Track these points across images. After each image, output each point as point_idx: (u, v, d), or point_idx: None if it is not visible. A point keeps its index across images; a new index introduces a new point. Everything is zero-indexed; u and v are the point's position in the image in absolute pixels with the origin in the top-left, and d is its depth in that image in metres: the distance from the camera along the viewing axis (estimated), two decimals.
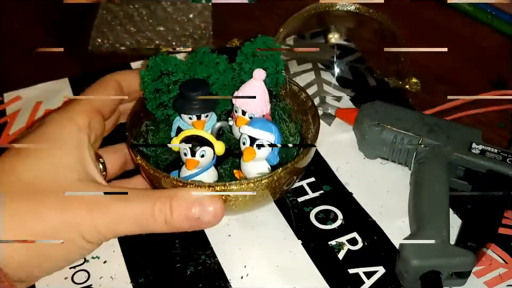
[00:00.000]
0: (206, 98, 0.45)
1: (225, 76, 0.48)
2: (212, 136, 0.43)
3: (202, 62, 0.47)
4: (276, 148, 0.44)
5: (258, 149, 0.43)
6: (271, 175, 0.42)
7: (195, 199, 0.39)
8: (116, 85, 0.45)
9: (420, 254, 0.42)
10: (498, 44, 0.73)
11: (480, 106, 0.61)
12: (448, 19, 0.77)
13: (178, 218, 0.38)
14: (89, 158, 0.40)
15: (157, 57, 0.45)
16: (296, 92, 0.51)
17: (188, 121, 0.46)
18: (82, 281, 0.44)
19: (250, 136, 0.43)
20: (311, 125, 0.49)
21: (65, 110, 0.42)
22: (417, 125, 0.53)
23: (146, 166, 0.42)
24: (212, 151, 0.43)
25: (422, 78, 0.63)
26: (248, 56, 0.48)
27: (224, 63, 0.48)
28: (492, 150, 0.50)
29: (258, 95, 0.45)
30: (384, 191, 0.52)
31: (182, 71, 0.46)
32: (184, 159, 0.42)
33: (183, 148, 0.42)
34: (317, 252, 0.47)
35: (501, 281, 0.45)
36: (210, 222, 0.39)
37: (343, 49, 0.68)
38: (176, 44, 0.71)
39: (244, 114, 0.46)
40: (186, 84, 0.45)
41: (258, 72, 0.45)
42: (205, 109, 0.46)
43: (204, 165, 0.43)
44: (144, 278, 0.44)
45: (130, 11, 0.76)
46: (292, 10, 0.65)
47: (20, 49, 0.71)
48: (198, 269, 0.45)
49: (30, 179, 0.37)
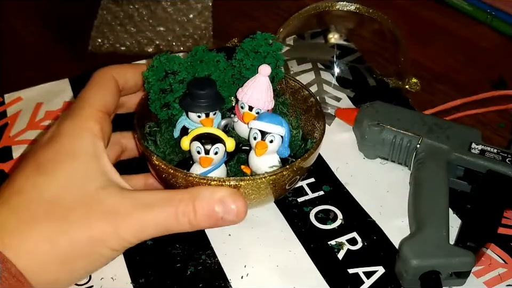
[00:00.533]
0: (214, 96, 0.46)
1: (226, 73, 0.49)
2: (223, 133, 0.43)
3: (202, 61, 0.47)
4: (287, 140, 0.45)
5: (271, 142, 0.43)
6: (292, 165, 0.42)
7: (217, 198, 0.38)
8: (113, 81, 0.44)
9: (419, 254, 0.43)
10: (498, 44, 0.73)
11: (480, 106, 0.61)
12: (448, 19, 0.77)
13: (202, 218, 0.38)
14: (108, 164, 0.40)
15: (161, 56, 0.45)
16: (297, 89, 0.51)
17: (196, 119, 0.46)
18: (84, 282, 0.44)
19: (261, 130, 0.43)
20: (315, 120, 0.49)
21: (75, 116, 0.41)
22: (417, 125, 0.53)
23: (165, 166, 0.41)
24: (224, 147, 0.43)
25: (422, 78, 0.63)
26: (249, 52, 0.48)
27: (223, 61, 0.48)
28: (492, 150, 0.50)
29: (265, 90, 0.46)
30: (384, 191, 0.52)
31: (185, 70, 0.46)
32: (197, 157, 0.42)
33: (197, 146, 0.42)
34: (316, 251, 0.47)
35: (501, 281, 0.45)
36: (233, 220, 0.39)
37: (343, 49, 0.68)
38: (176, 44, 0.72)
39: (251, 110, 0.46)
40: (194, 82, 0.46)
41: (264, 67, 0.46)
42: (214, 107, 0.46)
43: (216, 162, 0.43)
44: (145, 278, 0.44)
45: (130, 11, 0.76)
46: (292, 10, 0.65)
47: (20, 49, 0.71)
48: (198, 269, 0.45)
49: (53, 196, 0.37)
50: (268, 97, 0.46)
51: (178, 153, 0.48)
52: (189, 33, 0.73)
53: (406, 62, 0.63)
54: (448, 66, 0.69)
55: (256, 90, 0.46)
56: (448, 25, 0.76)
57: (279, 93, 0.52)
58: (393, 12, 0.65)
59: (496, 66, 0.68)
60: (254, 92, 0.46)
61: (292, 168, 0.42)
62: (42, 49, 0.72)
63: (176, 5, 0.77)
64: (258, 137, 0.44)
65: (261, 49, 0.47)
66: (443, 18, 0.77)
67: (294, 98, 0.52)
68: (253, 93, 0.46)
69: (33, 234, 0.35)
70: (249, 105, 0.46)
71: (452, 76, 0.68)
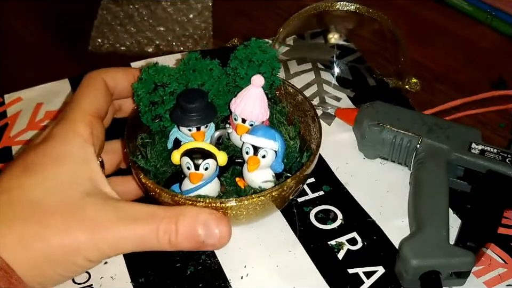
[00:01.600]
0: (205, 109, 0.44)
1: (220, 82, 0.47)
2: (214, 148, 0.42)
3: (195, 70, 0.45)
4: (280, 155, 0.43)
5: (263, 157, 0.42)
6: (280, 186, 0.41)
7: (201, 220, 0.38)
8: (103, 84, 0.44)
9: (419, 254, 0.43)
10: (498, 44, 0.73)
11: (480, 106, 0.61)
12: (448, 19, 0.77)
13: (183, 239, 0.38)
14: (97, 170, 0.39)
15: (149, 68, 0.44)
16: (293, 94, 0.50)
17: (187, 132, 0.45)
18: (83, 281, 0.44)
19: (253, 145, 0.42)
20: (311, 127, 0.48)
21: (66, 120, 0.41)
22: (416, 125, 0.53)
23: (151, 185, 0.41)
24: (215, 162, 0.42)
25: (422, 78, 0.63)
26: (243, 60, 0.46)
27: (217, 69, 0.46)
28: (492, 150, 0.50)
29: (258, 102, 0.44)
30: (384, 191, 0.52)
31: (176, 81, 0.44)
32: (187, 172, 0.41)
33: (186, 162, 0.41)
34: (316, 251, 0.47)
35: (501, 281, 0.45)
36: (214, 245, 0.39)
37: (343, 49, 0.68)
38: (176, 44, 0.72)
39: (244, 122, 0.45)
40: (183, 95, 0.44)
41: (257, 78, 0.44)
42: (205, 120, 0.44)
43: (207, 177, 0.42)
44: (145, 278, 0.44)
45: (130, 11, 0.76)
46: (292, 10, 0.65)
47: (20, 49, 0.71)
48: (198, 269, 0.45)
49: (37, 198, 0.37)
50: (261, 108, 0.45)
51: (172, 165, 0.46)
52: (189, 33, 0.73)
53: (406, 62, 0.63)
54: (448, 66, 0.69)
55: (249, 102, 0.44)
56: (448, 25, 0.76)
57: (277, 101, 0.51)
58: (393, 11, 0.65)
59: (496, 66, 0.68)
60: (247, 104, 0.44)
61: (282, 187, 0.41)
62: (42, 49, 0.72)
63: (176, 5, 0.77)
64: (251, 152, 0.42)
65: (255, 57, 0.46)
66: (443, 18, 0.77)
67: (292, 105, 0.50)
68: (246, 104, 0.44)
69: (9, 234, 0.35)
70: (242, 118, 0.45)
71: (452, 76, 0.68)
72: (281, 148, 0.43)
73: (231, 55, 0.47)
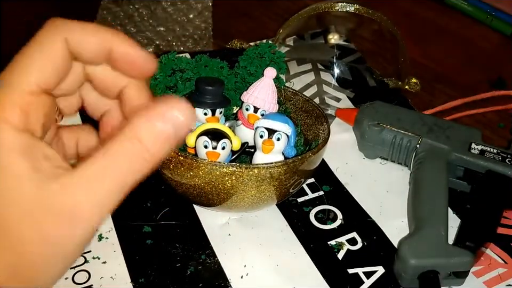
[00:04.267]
0: (221, 95, 0.47)
1: (229, 80, 0.50)
2: (230, 130, 0.44)
3: (207, 66, 0.49)
4: (292, 140, 0.45)
5: (278, 140, 0.44)
6: (293, 160, 0.42)
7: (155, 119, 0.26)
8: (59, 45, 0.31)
9: (418, 254, 0.43)
10: (498, 44, 0.73)
11: (480, 106, 0.61)
12: (448, 19, 0.77)
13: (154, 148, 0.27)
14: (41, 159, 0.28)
15: (170, 54, 0.47)
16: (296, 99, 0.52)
17: (202, 118, 0.46)
18: (83, 281, 0.44)
19: (267, 128, 0.44)
20: (318, 124, 0.50)
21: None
22: (416, 125, 0.53)
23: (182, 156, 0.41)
24: (230, 144, 0.43)
25: (422, 78, 0.63)
26: (253, 59, 0.49)
27: (227, 68, 0.50)
28: (491, 150, 0.50)
29: (270, 92, 0.47)
30: (384, 191, 0.52)
31: (192, 70, 0.48)
32: (204, 152, 0.42)
33: (204, 141, 0.42)
34: (316, 251, 0.47)
35: (500, 281, 0.45)
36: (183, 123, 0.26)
37: (343, 50, 0.68)
38: (176, 44, 0.72)
39: (256, 111, 0.47)
40: (202, 79, 0.47)
41: (270, 70, 0.47)
42: (221, 103, 0.47)
43: (223, 159, 0.43)
44: (145, 278, 0.44)
45: (130, 11, 0.76)
46: (292, 10, 0.65)
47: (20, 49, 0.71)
48: (198, 268, 0.45)
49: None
50: (273, 99, 0.47)
51: None
52: (189, 33, 0.73)
53: (405, 62, 0.63)
54: (448, 66, 0.69)
55: (262, 92, 0.46)
56: (448, 25, 0.76)
57: (281, 102, 0.52)
58: (393, 12, 0.65)
59: (496, 66, 0.68)
60: (260, 93, 0.46)
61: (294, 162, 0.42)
62: None
63: (176, 5, 0.78)
64: (265, 135, 0.44)
65: (266, 55, 0.49)
66: (443, 18, 0.77)
67: (294, 108, 0.52)
68: (259, 93, 0.46)
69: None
70: (255, 106, 0.46)
71: (451, 76, 0.68)
72: (293, 133, 0.45)
73: (239, 57, 0.50)
